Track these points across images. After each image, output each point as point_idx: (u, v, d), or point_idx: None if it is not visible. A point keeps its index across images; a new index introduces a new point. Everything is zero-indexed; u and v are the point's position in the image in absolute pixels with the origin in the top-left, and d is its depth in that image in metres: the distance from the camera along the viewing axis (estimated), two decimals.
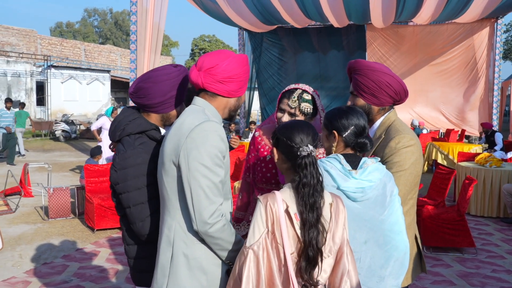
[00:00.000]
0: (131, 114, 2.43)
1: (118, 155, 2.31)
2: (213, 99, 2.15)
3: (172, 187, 2.04)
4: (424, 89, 18.52)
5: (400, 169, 2.40)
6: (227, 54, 2.14)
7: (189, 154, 1.95)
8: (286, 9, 13.87)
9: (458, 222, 6.07)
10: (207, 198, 1.93)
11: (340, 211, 1.96)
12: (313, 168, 1.89)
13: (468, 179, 6.25)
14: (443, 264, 5.72)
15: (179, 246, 2.02)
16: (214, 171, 1.96)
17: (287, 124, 2.05)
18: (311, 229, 1.84)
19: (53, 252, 6.04)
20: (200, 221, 1.93)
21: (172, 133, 2.06)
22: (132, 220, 2.28)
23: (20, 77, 25.78)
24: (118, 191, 2.30)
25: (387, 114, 2.62)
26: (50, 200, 7.59)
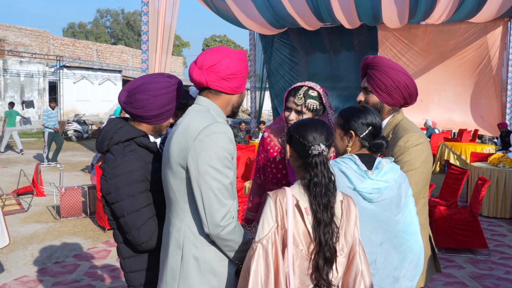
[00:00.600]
0: (118, 123, 2.38)
1: (108, 163, 2.26)
2: (217, 97, 2.12)
3: (180, 190, 2.01)
4: (437, 88, 18.39)
5: (410, 168, 2.37)
6: (227, 51, 2.11)
7: (198, 157, 1.92)
8: (298, 12, 13.82)
9: (470, 223, 6.01)
10: (218, 201, 1.91)
11: (351, 209, 1.95)
12: (323, 167, 1.88)
13: (481, 179, 6.19)
14: (455, 266, 5.66)
15: (189, 249, 1.99)
16: (224, 173, 1.94)
17: (302, 121, 2.03)
18: (326, 229, 1.83)
19: (64, 251, 6.07)
20: (212, 224, 1.91)
21: (178, 135, 2.02)
22: (127, 230, 2.23)
23: (33, 78, 25.99)
24: (111, 200, 2.24)
25: (394, 114, 2.59)
26: (62, 200, 7.64)
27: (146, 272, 2.28)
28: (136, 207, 2.20)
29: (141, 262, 2.29)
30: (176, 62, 43.60)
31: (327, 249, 1.82)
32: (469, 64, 17.95)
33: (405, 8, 12.80)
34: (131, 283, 2.31)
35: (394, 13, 13.11)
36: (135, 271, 2.30)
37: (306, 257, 1.85)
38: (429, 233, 2.58)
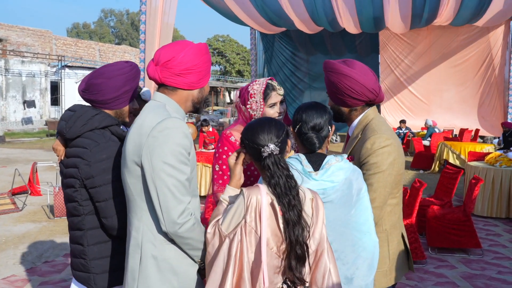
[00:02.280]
0: (91, 109, 2.37)
1: (90, 148, 2.24)
2: (173, 93, 2.09)
3: (137, 188, 1.98)
4: (439, 88, 18.33)
5: (378, 171, 2.34)
6: (184, 45, 2.07)
7: (152, 153, 1.89)
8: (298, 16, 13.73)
9: (464, 223, 5.95)
10: (175, 198, 1.88)
11: (319, 207, 1.93)
12: (277, 168, 1.87)
13: (475, 178, 6.13)
14: (447, 265, 5.60)
15: (148, 248, 1.96)
16: (179, 169, 1.90)
17: (250, 125, 2.00)
18: (295, 227, 1.81)
19: (55, 251, 6.05)
20: (169, 221, 1.88)
21: (133, 132, 2.00)
22: (107, 214, 2.22)
23: (35, 77, 26.08)
24: (92, 184, 2.22)
25: (364, 113, 2.54)
26: (56, 199, 7.62)
27: (111, 259, 2.27)
28: (117, 193, 2.20)
29: (107, 249, 2.28)
30: None
31: (298, 247, 1.80)
32: (471, 64, 17.89)
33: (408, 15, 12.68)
34: (92, 270, 2.27)
35: (397, 20, 13.00)
36: (99, 258, 2.27)
37: (275, 256, 1.83)
38: (403, 231, 2.56)
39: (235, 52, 61.10)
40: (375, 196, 2.33)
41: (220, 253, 1.82)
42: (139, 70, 2.46)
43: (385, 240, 2.46)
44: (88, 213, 2.29)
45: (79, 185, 2.27)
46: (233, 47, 61.71)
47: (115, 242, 2.27)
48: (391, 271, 2.46)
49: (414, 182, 5.88)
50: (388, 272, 2.46)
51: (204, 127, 11.93)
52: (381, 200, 2.35)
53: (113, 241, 2.28)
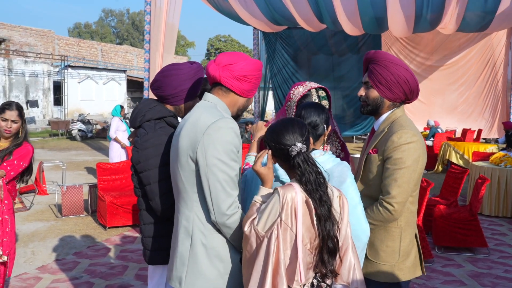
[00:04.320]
0: (151, 102, 2.66)
1: (140, 137, 2.52)
2: (225, 95, 2.24)
3: (189, 181, 2.13)
4: (441, 89, 18.36)
5: (402, 166, 2.39)
6: (246, 56, 2.26)
7: (207, 150, 2.05)
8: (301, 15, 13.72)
9: (470, 222, 6.00)
10: (225, 191, 2.04)
11: (345, 204, 2.02)
12: (307, 165, 1.95)
13: (481, 178, 6.18)
14: (454, 264, 5.66)
15: (198, 236, 2.12)
16: (230, 165, 2.06)
17: (273, 128, 2.09)
18: (326, 222, 1.90)
19: (65, 249, 6.11)
20: (219, 212, 2.04)
21: (187, 129, 2.14)
22: (151, 196, 2.46)
23: (38, 77, 26.11)
24: (140, 169, 2.48)
25: (394, 109, 2.59)
26: (64, 198, 7.68)
27: (162, 239, 2.49)
28: (161, 177, 2.44)
29: (159, 229, 2.52)
30: (180, 62, 43.62)
31: (330, 241, 1.89)
32: (474, 64, 17.91)
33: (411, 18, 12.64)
34: (147, 246, 2.55)
35: (400, 24, 12.96)
36: (152, 237, 2.53)
37: (308, 252, 1.91)
38: (416, 232, 2.60)
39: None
40: (399, 191, 2.37)
41: (260, 253, 1.90)
42: (201, 70, 2.65)
43: (398, 236, 2.50)
44: (141, 195, 2.57)
45: (134, 170, 2.57)
46: (235, 47, 61.80)
47: (166, 224, 2.46)
48: (400, 268, 2.50)
49: (421, 182, 5.92)
50: (396, 267, 2.49)
51: None
52: (404, 196, 2.39)
53: (164, 223, 2.48)
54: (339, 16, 12.97)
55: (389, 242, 2.51)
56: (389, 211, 2.40)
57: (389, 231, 2.50)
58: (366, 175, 2.57)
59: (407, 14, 12.45)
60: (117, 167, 7.84)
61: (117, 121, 10.29)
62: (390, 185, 2.40)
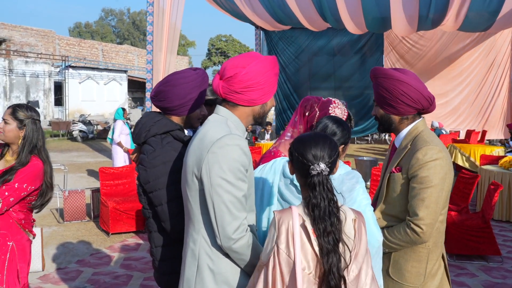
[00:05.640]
0: (155, 116, 2.47)
1: (147, 154, 2.34)
2: (234, 108, 2.09)
3: (196, 201, 2.00)
4: (445, 90, 18.21)
5: (429, 185, 2.25)
6: (249, 60, 2.04)
7: (211, 169, 1.91)
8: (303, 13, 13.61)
9: (483, 229, 5.85)
10: (230, 214, 1.90)
11: (362, 228, 1.83)
12: (322, 189, 1.76)
13: (494, 184, 6.02)
14: (467, 273, 5.50)
15: (204, 260, 1.99)
16: (236, 185, 1.92)
17: (302, 137, 1.91)
18: (329, 255, 1.70)
19: (67, 257, 5.96)
20: (224, 236, 1.90)
21: (194, 145, 2.02)
22: (164, 218, 2.30)
23: (39, 78, 25.99)
24: (149, 189, 2.32)
25: (415, 123, 2.46)
26: (66, 203, 7.54)
27: (176, 261, 2.31)
28: (173, 196, 2.27)
29: (172, 251, 2.34)
30: (181, 61, 43.55)
31: (331, 277, 1.69)
32: (478, 65, 17.75)
33: (414, 17, 12.50)
34: (162, 271, 2.39)
35: (403, 22, 12.82)
36: (165, 260, 2.37)
37: (313, 281, 1.73)
38: (443, 252, 2.48)
39: (237, 52, 61.06)
40: (427, 212, 2.24)
41: (259, 282, 1.77)
42: (206, 77, 2.49)
43: (425, 257, 2.38)
44: (151, 216, 2.40)
45: (142, 190, 2.39)
46: (236, 47, 61.68)
47: (180, 245, 2.27)
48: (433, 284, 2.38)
49: None
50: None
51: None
52: (433, 217, 2.26)
53: (177, 245, 2.29)
54: (342, 15, 12.84)
55: (415, 262, 2.38)
56: (417, 233, 2.27)
57: (416, 251, 2.37)
58: (390, 195, 2.43)
59: (410, 13, 12.32)
60: (120, 171, 7.70)
61: (121, 125, 10.22)
62: (417, 206, 2.27)
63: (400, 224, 2.34)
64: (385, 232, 2.37)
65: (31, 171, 3.03)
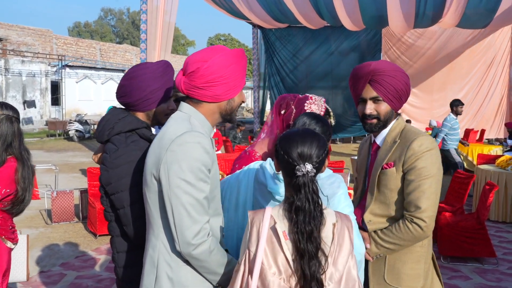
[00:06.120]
0: (120, 112, 2.31)
1: (110, 153, 2.19)
2: (198, 105, 1.95)
3: (155, 204, 1.87)
4: (443, 88, 18.04)
5: (428, 175, 2.16)
6: (212, 53, 1.90)
7: (170, 169, 1.78)
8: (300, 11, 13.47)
9: (477, 231, 5.69)
10: (190, 217, 1.76)
11: (346, 233, 1.68)
12: (308, 191, 1.62)
13: (489, 184, 5.87)
14: (461, 276, 5.35)
15: (163, 268, 1.85)
16: (197, 187, 1.78)
17: (290, 133, 1.75)
18: (312, 261, 1.58)
19: (52, 260, 5.82)
20: (183, 242, 1.76)
21: (154, 144, 1.90)
22: (126, 221, 2.15)
23: (35, 77, 25.86)
24: (111, 191, 2.16)
25: (397, 119, 2.38)
26: (54, 204, 7.40)
27: (140, 268, 2.13)
28: (137, 198, 2.11)
29: (135, 258, 2.19)
30: (180, 61, 43.40)
31: (314, 283, 1.57)
32: (477, 63, 17.57)
33: (411, 14, 12.35)
34: (122, 277, 2.24)
35: (400, 18, 12.68)
36: (127, 266, 2.22)
37: (285, 286, 1.61)
38: (432, 252, 2.39)
39: None
40: (429, 204, 2.15)
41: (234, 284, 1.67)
42: (169, 67, 2.32)
43: (422, 257, 2.29)
44: (113, 219, 2.25)
45: (104, 192, 2.24)
46: (235, 46, 61.51)
47: (143, 252, 2.12)
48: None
49: None
50: None
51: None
52: (434, 209, 2.18)
53: (141, 251, 2.12)
54: (338, 11, 12.71)
55: (413, 264, 2.27)
56: (421, 227, 2.16)
57: (413, 251, 2.27)
58: (382, 193, 2.31)
59: (407, 10, 12.18)
60: None
61: None
62: (418, 199, 2.15)
63: (398, 222, 2.23)
64: (380, 234, 2.26)
65: (6, 173, 2.92)
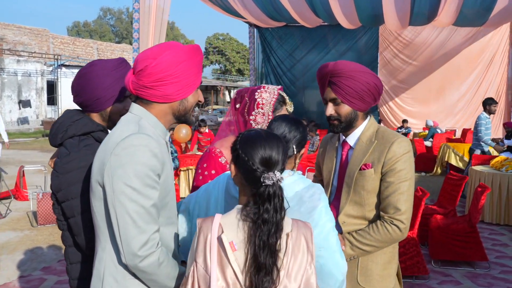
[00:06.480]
0: (74, 114, 2.18)
1: (61, 158, 2.06)
2: (149, 106, 1.80)
3: (101, 213, 1.73)
4: (441, 87, 17.89)
5: (407, 178, 2.17)
6: (162, 50, 1.75)
7: (114, 174, 1.64)
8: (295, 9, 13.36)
9: (469, 234, 5.55)
10: (136, 226, 1.61)
11: (302, 243, 1.54)
12: (278, 201, 1.48)
13: (481, 186, 5.73)
14: (452, 281, 5.21)
15: (109, 283, 1.71)
16: (144, 193, 1.63)
17: (252, 135, 1.57)
18: (267, 277, 1.44)
19: (33, 264, 5.69)
20: (129, 253, 1.62)
21: (100, 148, 1.77)
22: (77, 231, 2.00)
23: (31, 77, 25.73)
24: (61, 199, 2.02)
25: (369, 118, 2.32)
26: (39, 206, 7.26)
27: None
28: (89, 206, 1.90)
29: (90, 270, 1.99)
30: None
31: None
32: (475, 62, 17.42)
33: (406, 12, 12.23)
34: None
35: (395, 16, 12.55)
36: (81, 278, 2.07)
37: None
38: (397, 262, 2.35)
39: (235, 50, 60.79)
40: (407, 206, 2.15)
41: None
42: (123, 64, 2.17)
43: (393, 257, 2.28)
44: (65, 229, 2.11)
45: (55, 199, 2.10)
46: (233, 45, 61.37)
47: None
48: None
49: (416, 191, 5.49)
50: None
51: (202, 128, 11.58)
52: (411, 211, 2.18)
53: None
54: (333, 9, 12.60)
55: (386, 264, 2.25)
56: (400, 229, 2.14)
57: (386, 252, 2.25)
58: (358, 194, 2.24)
59: (402, 9, 12.06)
60: None
61: None
62: (398, 201, 2.14)
63: (375, 224, 2.19)
64: (356, 236, 2.19)
65: None
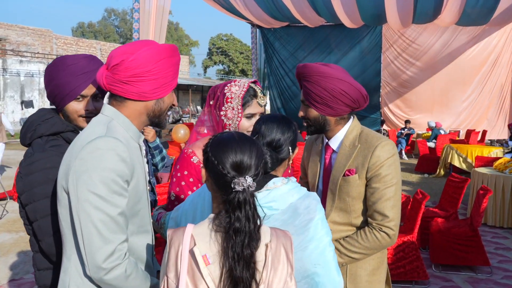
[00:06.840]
0: (46, 113, 2.07)
1: (25, 159, 1.97)
2: (122, 105, 1.69)
3: (67, 220, 1.63)
4: (445, 88, 17.75)
5: (393, 183, 2.10)
6: (139, 46, 1.66)
7: (78, 180, 1.54)
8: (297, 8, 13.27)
9: (471, 238, 5.42)
10: (101, 236, 1.52)
11: (281, 253, 1.43)
12: (249, 208, 1.37)
13: (483, 189, 5.59)
14: (453, 286, 5.08)
15: None
16: (110, 201, 1.54)
17: (223, 138, 1.46)
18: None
19: (26, 266, 5.59)
20: (93, 265, 1.52)
21: (66, 151, 1.67)
22: (40, 236, 1.90)
23: (34, 77, 25.72)
24: (24, 201, 1.93)
25: (351, 121, 2.22)
26: None
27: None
28: (52, 210, 1.87)
29: (57, 277, 1.87)
30: (182, 61, 43.22)
31: None
32: (479, 62, 17.25)
33: (409, 10, 12.11)
34: None
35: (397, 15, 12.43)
36: (49, 286, 1.96)
37: None
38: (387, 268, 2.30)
39: (238, 51, 60.73)
40: (395, 212, 2.09)
41: None
42: (88, 58, 2.05)
43: (381, 262, 2.21)
44: (31, 234, 2.02)
45: (20, 202, 2.00)
46: (237, 46, 61.32)
47: None
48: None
49: (416, 193, 5.37)
50: None
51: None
52: (399, 216, 2.11)
53: None
54: (335, 8, 12.50)
55: (375, 270, 2.18)
56: (389, 236, 2.08)
57: (375, 257, 2.18)
58: (343, 201, 2.16)
59: (405, 7, 11.95)
60: None
61: None
62: (385, 207, 2.07)
63: (363, 231, 2.12)
64: (344, 244, 2.11)
65: None
